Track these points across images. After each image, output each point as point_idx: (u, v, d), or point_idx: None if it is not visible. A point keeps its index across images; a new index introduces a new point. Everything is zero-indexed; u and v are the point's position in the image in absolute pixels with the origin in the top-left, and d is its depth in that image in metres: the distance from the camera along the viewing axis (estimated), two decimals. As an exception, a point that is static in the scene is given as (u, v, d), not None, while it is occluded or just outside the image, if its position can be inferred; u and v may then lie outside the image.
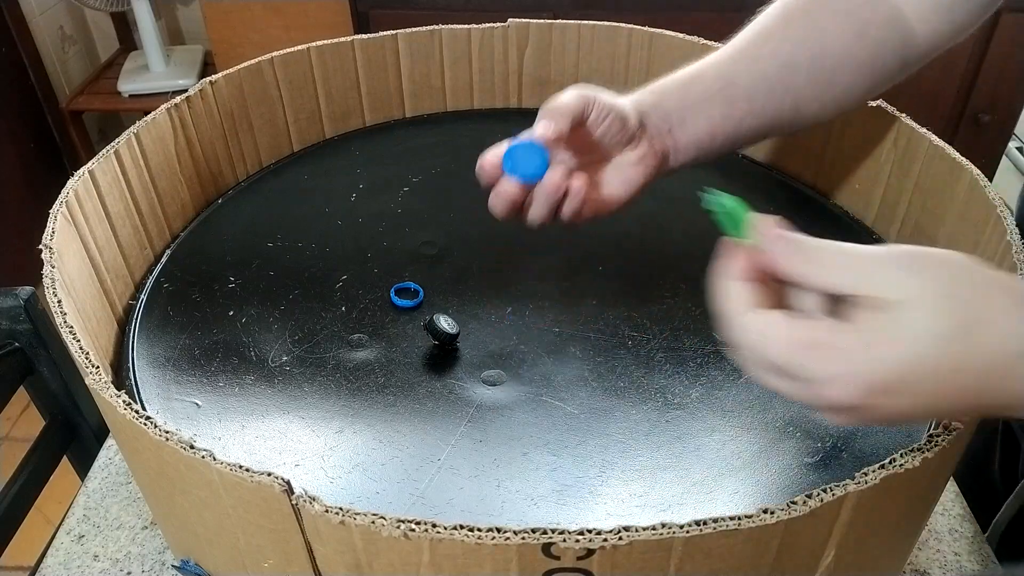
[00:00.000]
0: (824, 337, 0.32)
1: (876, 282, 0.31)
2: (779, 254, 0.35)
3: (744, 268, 0.36)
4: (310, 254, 0.66)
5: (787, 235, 0.35)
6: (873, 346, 0.30)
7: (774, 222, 0.36)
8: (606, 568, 0.35)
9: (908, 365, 0.30)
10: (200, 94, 0.69)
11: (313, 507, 0.35)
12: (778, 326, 0.33)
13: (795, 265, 0.34)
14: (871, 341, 0.31)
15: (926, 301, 0.30)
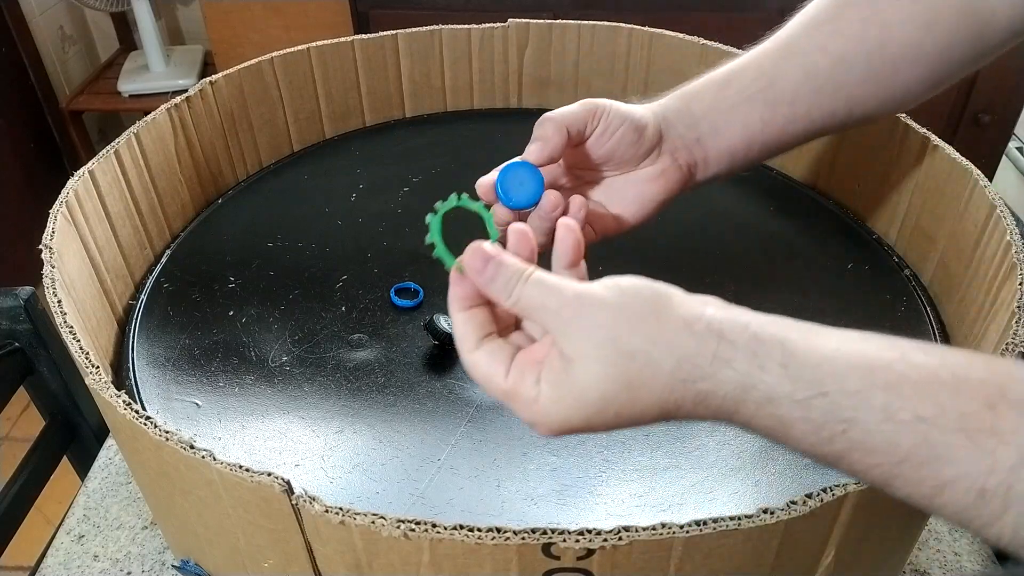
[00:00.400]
0: (513, 390, 0.34)
1: (558, 328, 0.33)
2: (481, 282, 0.35)
3: (465, 295, 0.36)
4: (310, 254, 0.66)
5: (489, 257, 0.35)
6: (552, 402, 0.33)
7: (480, 245, 0.36)
8: (606, 568, 0.35)
9: (583, 417, 0.33)
10: (200, 94, 0.69)
11: (313, 507, 0.35)
12: (482, 372, 0.35)
13: (496, 292, 0.35)
14: (550, 397, 0.33)
15: (590, 358, 0.32)
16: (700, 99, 0.50)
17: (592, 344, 0.32)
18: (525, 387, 0.34)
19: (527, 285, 0.34)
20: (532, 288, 0.34)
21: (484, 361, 0.35)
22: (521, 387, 0.34)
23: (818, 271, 0.64)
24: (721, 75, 0.50)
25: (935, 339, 0.58)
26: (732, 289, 0.61)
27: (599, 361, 0.32)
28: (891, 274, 0.64)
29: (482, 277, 0.35)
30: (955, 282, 0.59)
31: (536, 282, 0.34)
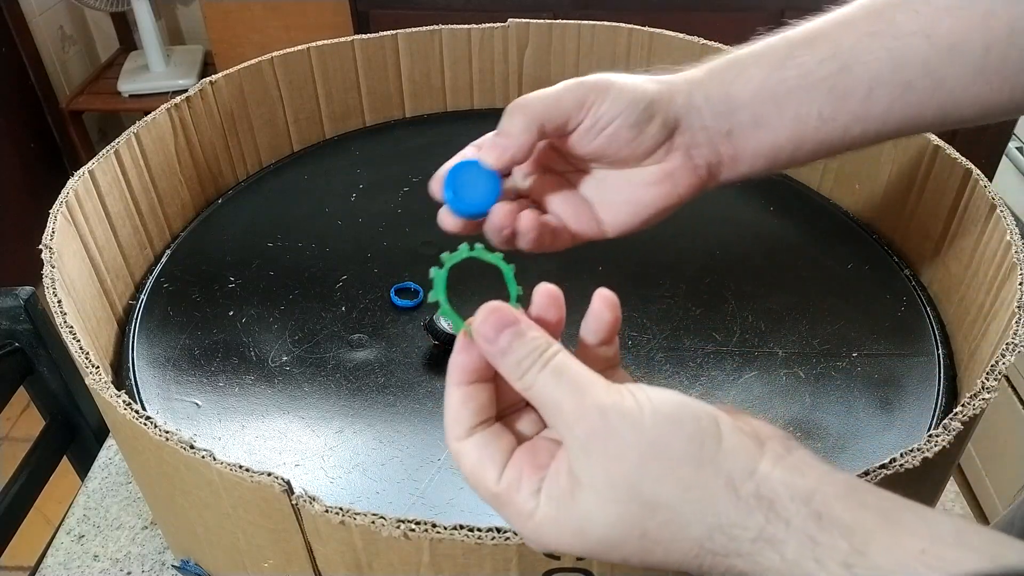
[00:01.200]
0: (506, 496, 0.28)
1: (570, 442, 0.27)
2: (492, 352, 0.29)
3: (470, 367, 0.30)
4: (310, 254, 0.66)
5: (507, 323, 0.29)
6: (551, 523, 0.28)
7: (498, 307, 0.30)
8: (606, 568, 0.35)
9: (583, 550, 0.28)
10: (200, 94, 0.69)
11: (313, 507, 0.35)
12: (470, 468, 0.29)
13: (507, 368, 0.29)
14: (548, 516, 0.28)
15: (602, 494, 0.26)
16: (746, 80, 0.38)
17: (607, 479, 0.26)
18: (521, 497, 0.28)
19: (544, 372, 0.28)
20: (549, 378, 0.28)
21: (474, 455, 0.29)
22: (516, 496, 0.28)
23: (818, 271, 0.64)
24: (778, 47, 0.39)
25: (935, 339, 0.58)
26: (732, 289, 0.61)
27: (612, 502, 0.26)
28: (891, 274, 0.64)
29: (494, 347, 0.29)
30: (955, 282, 0.59)
31: (555, 371, 0.28)
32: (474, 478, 0.29)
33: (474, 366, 0.30)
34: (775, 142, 0.39)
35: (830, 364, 0.55)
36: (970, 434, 0.42)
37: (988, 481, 1.37)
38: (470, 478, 0.29)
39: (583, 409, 0.27)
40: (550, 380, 0.28)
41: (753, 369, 0.55)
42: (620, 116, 0.37)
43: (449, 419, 0.30)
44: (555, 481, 0.28)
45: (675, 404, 0.27)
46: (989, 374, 0.42)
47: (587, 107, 0.37)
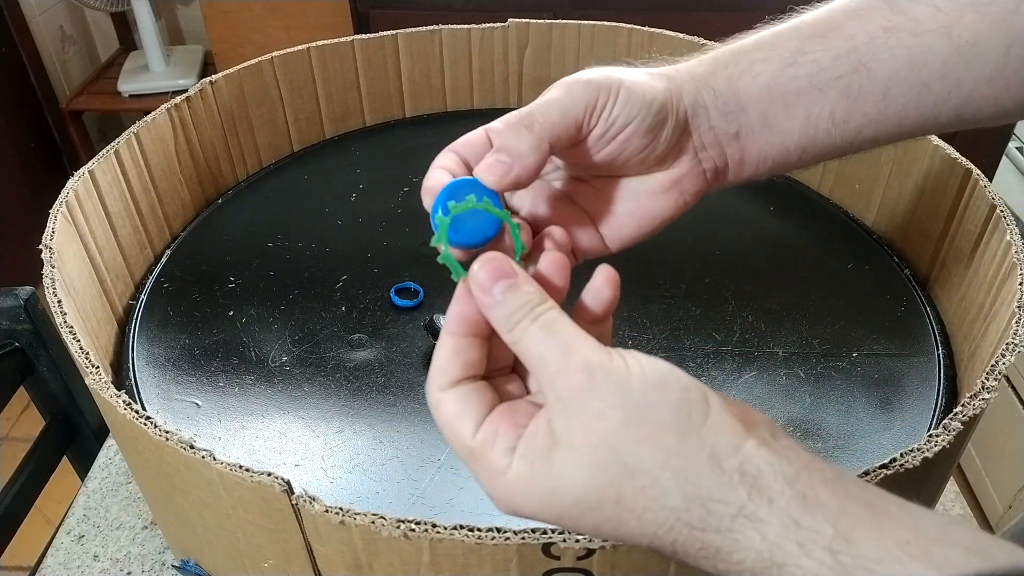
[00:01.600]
0: (479, 451, 0.28)
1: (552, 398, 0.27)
2: (484, 301, 0.29)
3: (468, 318, 0.29)
4: (310, 254, 0.66)
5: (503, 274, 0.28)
6: (522, 482, 0.27)
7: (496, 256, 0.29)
8: (606, 568, 0.35)
9: (553, 513, 0.27)
10: (200, 94, 0.69)
11: (313, 507, 0.35)
12: (446, 418, 0.29)
13: (497, 318, 0.28)
14: (521, 475, 0.27)
15: (580, 454, 0.26)
16: (753, 76, 0.36)
17: (587, 438, 0.26)
18: (495, 453, 0.28)
19: (533, 325, 0.27)
20: (537, 332, 0.27)
21: (452, 406, 0.29)
22: (490, 451, 0.28)
23: (818, 271, 0.64)
24: (788, 40, 0.36)
25: (935, 339, 0.58)
26: (732, 289, 0.61)
27: (589, 464, 0.26)
28: (891, 274, 0.64)
29: (487, 296, 0.28)
30: (955, 282, 0.59)
31: (544, 325, 0.27)
32: (450, 429, 0.29)
33: (471, 317, 0.29)
34: (783, 145, 0.37)
35: (830, 364, 0.55)
36: (970, 434, 0.42)
37: (988, 481, 1.37)
38: (446, 429, 0.29)
39: (569, 365, 0.26)
40: (538, 334, 0.27)
41: (753, 369, 0.55)
42: (634, 120, 0.33)
43: (435, 367, 0.29)
44: (532, 440, 0.27)
45: (664, 371, 0.26)
46: (989, 374, 0.42)
47: (598, 111, 0.33)
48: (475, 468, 0.28)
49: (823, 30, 0.36)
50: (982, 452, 1.40)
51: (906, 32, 0.35)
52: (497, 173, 0.31)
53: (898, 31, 0.35)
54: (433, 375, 0.29)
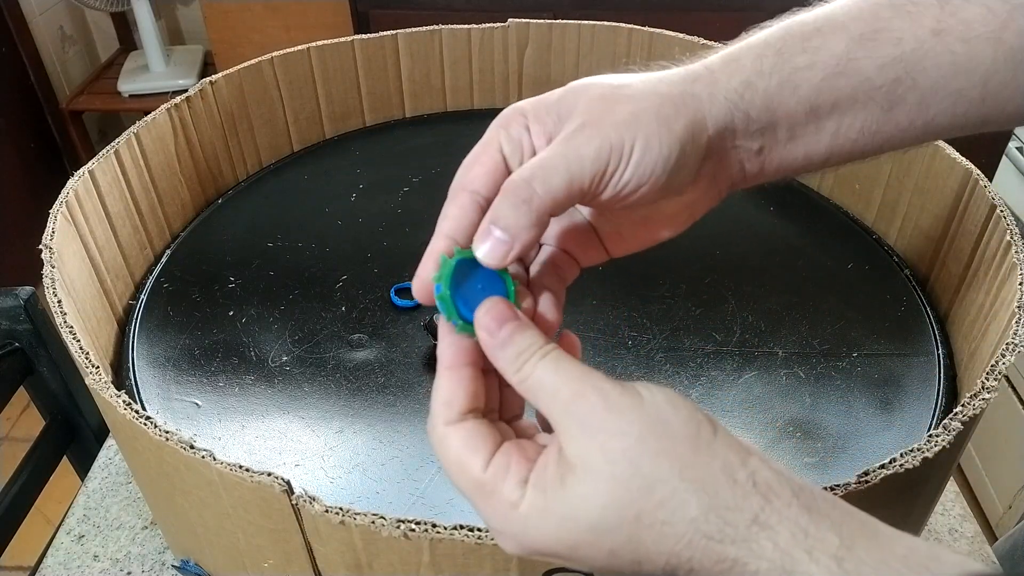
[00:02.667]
0: (490, 485, 0.27)
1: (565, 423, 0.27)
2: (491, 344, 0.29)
3: (462, 353, 0.30)
4: (310, 254, 0.66)
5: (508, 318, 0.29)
6: (536, 512, 0.27)
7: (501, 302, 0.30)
8: (606, 568, 0.35)
9: (569, 543, 0.26)
10: (200, 94, 0.69)
11: (313, 507, 0.35)
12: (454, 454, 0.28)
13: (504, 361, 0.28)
14: (535, 505, 0.27)
15: (597, 472, 0.26)
16: (792, 88, 0.33)
17: (604, 455, 0.26)
18: (507, 486, 0.27)
19: (542, 362, 0.28)
20: (548, 366, 0.28)
21: (461, 441, 0.28)
22: (502, 485, 0.27)
23: (818, 271, 0.64)
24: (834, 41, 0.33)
25: (935, 339, 0.58)
26: (732, 289, 0.62)
27: (608, 479, 0.25)
28: (891, 274, 0.64)
29: (494, 339, 0.29)
30: (955, 282, 0.59)
31: (553, 361, 0.28)
32: (458, 465, 0.28)
33: (467, 347, 0.30)
34: (807, 157, 0.34)
35: (830, 364, 0.55)
36: (970, 434, 0.42)
37: (988, 481, 1.37)
38: (453, 466, 0.28)
39: (583, 390, 0.27)
40: (550, 366, 0.28)
41: (753, 369, 0.55)
42: (647, 182, 0.31)
43: (439, 402, 0.29)
44: (544, 470, 0.27)
45: (671, 394, 0.27)
46: (989, 374, 0.42)
47: (607, 178, 0.31)
48: (484, 505, 0.28)
49: (871, 30, 0.33)
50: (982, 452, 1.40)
51: (955, 37, 0.32)
52: (498, 255, 0.30)
53: (947, 34, 0.32)
54: (437, 410, 0.29)
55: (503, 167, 0.32)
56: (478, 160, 0.33)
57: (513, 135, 0.33)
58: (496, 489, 0.27)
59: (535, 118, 0.33)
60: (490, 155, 0.33)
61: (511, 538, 0.27)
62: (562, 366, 0.28)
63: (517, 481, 0.27)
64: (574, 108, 0.32)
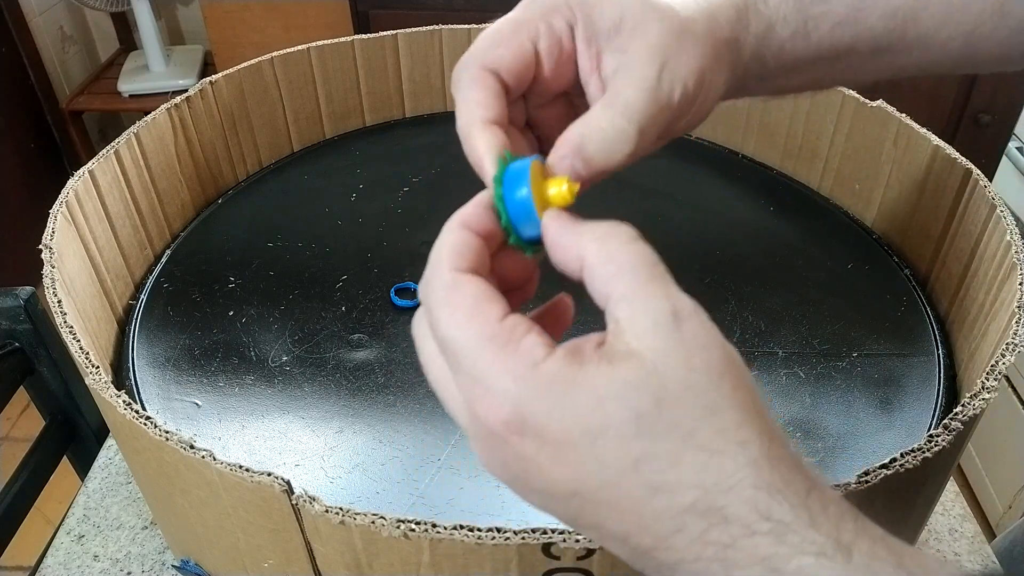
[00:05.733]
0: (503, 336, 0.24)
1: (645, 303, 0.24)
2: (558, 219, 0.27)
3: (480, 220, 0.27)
4: (310, 254, 0.66)
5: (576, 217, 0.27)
6: (558, 381, 0.23)
7: None
8: (606, 568, 0.35)
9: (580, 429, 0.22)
10: (200, 94, 0.69)
11: (313, 507, 0.35)
12: (470, 300, 0.25)
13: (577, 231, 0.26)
14: (560, 374, 0.23)
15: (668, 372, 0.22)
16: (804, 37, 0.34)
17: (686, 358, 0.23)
18: (528, 341, 0.23)
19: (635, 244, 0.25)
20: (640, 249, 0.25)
21: (477, 289, 0.25)
22: (523, 338, 0.23)
23: (818, 271, 0.64)
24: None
25: (935, 339, 0.58)
26: (732, 289, 0.61)
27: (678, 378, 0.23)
28: (891, 274, 0.64)
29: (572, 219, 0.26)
30: (955, 282, 0.59)
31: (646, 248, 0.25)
32: (472, 310, 0.24)
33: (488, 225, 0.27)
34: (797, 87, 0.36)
35: (830, 364, 0.55)
36: (970, 434, 0.42)
37: (988, 481, 1.37)
38: (460, 312, 0.25)
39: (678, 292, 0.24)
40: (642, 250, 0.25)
41: (753, 369, 0.55)
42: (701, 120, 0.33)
43: (448, 249, 0.26)
44: (578, 348, 0.23)
45: None
46: (989, 374, 0.42)
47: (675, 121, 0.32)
48: (492, 358, 0.23)
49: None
50: (982, 452, 1.40)
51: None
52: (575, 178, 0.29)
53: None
54: (443, 256, 0.26)
55: (532, 60, 0.30)
56: (506, 41, 0.30)
57: (555, 29, 0.30)
58: (513, 341, 0.23)
59: (584, 19, 0.30)
60: (521, 42, 0.30)
61: (511, 400, 0.23)
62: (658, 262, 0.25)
63: (542, 342, 0.23)
64: (639, 32, 0.30)
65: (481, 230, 0.27)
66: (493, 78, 0.30)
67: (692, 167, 0.77)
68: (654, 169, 0.75)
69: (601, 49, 0.31)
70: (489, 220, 0.27)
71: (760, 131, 0.76)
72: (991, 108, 1.59)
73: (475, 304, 0.24)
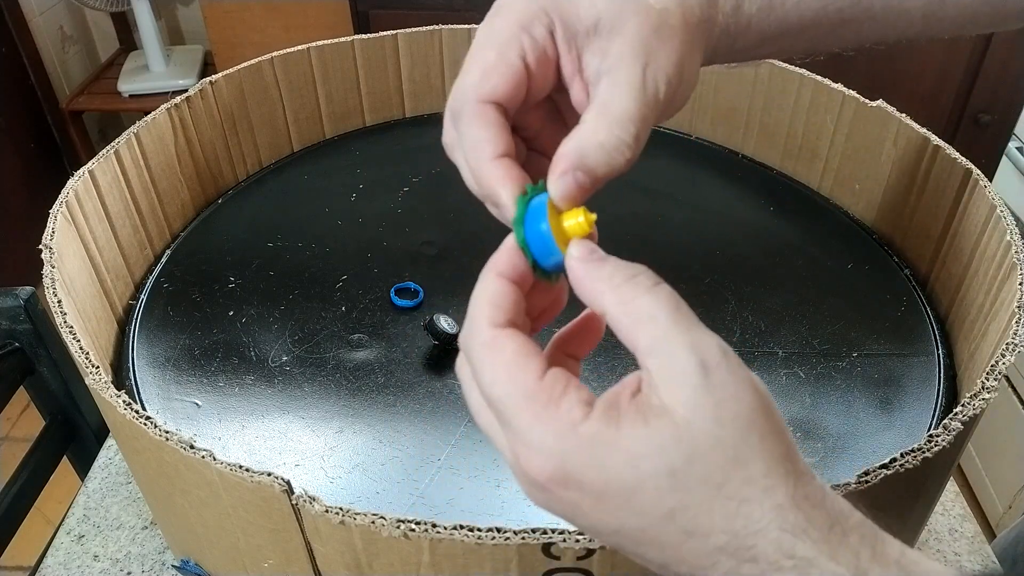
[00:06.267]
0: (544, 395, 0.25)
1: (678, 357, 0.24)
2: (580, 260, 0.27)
3: (511, 265, 0.28)
4: (310, 254, 0.66)
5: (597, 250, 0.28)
6: (599, 442, 0.24)
7: None
8: (606, 568, 0.35)
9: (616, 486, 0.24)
10: (200, 94, 0.69)
11: (313, 507, 0.35)
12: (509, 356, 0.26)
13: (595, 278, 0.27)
14: (600, 434, 0.24)
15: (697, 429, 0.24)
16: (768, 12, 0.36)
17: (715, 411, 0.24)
18: (567, 401, 0.25)
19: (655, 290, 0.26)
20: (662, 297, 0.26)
21: (515, 343, 0.26)
22: (562, 398, 0.25)
23: (818, 271, 0.64)
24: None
25: (935, 339, 0.58)
26: (732, 289, 0.61)
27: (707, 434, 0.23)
28: (891, 274, 0.64)
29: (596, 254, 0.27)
30: (955, 282, 0.59)
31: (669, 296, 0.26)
32: (510, 369, 0.25)
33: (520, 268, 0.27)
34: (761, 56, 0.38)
35: (830, 364, 0.55)
36: (970, 434, 0.42)
37: (988, 481, 1.37)
38: (502, 370, 0.25)
39: (704, 336, 0.24)
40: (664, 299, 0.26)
41: (753, 369, 0.54)
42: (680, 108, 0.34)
43: (485, 302, 0.27)
44: (614, 403, 0.24)
45: None
46: (989, 374, 0.42)
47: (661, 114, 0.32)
48: (533, 418, 0.25)
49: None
50: (982, 452, 1.40)
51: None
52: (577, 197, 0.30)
53: None
54: (482, 310, 0.27)
55: (524, 78, 0.30)
56: (497, 68, 0.30)
57: (538, 39, 0.31)
58: (553, 401, 0.25)
59: (562, 23, 0.31)
60: (510, 64, 0.30)
61: (554, 459, 0.24)
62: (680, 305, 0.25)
63: (580, 400, 0.25)
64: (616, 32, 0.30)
65: (514, 275, 0.28)
66: (493, 110, 0.30)
67: (692, 167, 0.77)
68: (654, 169, 0.75)
69: (581, 51, 0.31)
70: (520, 263, 0.28)
71: (760, 131, 0.76)
72: (991, 108, 1.59)
73: (515, 362, 0.25)
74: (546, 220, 0.28)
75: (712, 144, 0.80)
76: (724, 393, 0.24)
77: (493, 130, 0.30)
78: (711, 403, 0.24)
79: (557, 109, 0.35)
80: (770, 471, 0.24)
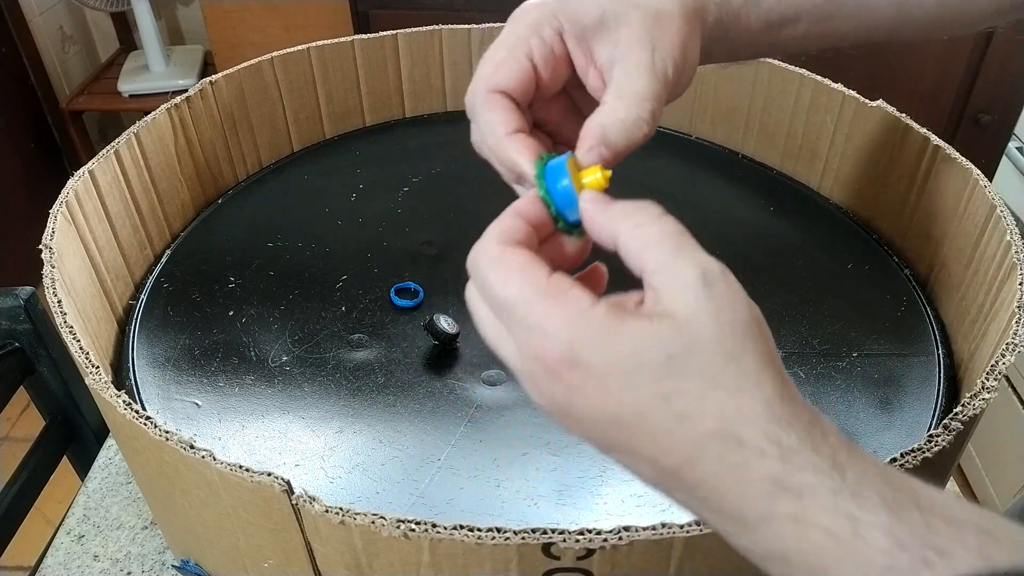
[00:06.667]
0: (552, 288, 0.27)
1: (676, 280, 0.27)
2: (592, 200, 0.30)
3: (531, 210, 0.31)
4: (310, 254, 0.66)
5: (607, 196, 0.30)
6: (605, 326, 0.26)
7: None
8: (606, 568, 0.35)
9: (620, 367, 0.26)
10: (200, 94, 0.69)
11: (313, 507, 0.35)
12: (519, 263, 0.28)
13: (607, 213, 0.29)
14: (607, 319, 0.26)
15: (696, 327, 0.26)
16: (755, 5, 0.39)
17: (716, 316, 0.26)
18: (576, 290, 0.27)
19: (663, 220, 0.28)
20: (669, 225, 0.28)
21: (524, 255, 0.28)
22: (572, 289, 0.27)
23: (818, 271, 0.64)
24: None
25: (935, 339, 0.58)
26: (732, 289, 0.61)
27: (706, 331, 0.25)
28: (891, 274, 0.64)
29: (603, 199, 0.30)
30: (955, 282, 0.59)
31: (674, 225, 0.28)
32: (521, 272, 0.27)
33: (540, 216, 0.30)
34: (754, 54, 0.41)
35: (830, 364, 0.55)
36: (970, 434, 0.42)
37: (988, 481, 1.37)
38: (512, 274, 0.28)
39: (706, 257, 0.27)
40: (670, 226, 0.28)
41: (753, 369, 0.55)
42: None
43: (497, 228, 0.29)
44: (619, 304, 0.27)
45: None
46: (989, 374, 0.42)
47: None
48: (545, 308, 0.27)
49: None
50: (982, 452, 1.40)
51: None
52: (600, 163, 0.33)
53: None
54: (492, 234, 0.29)
55: (532, 73, 0.35)
56: (505, 63, 0.34)
57: (546, 40, 0.35)
58: (562, 292, 0.27)
59: (570, 22, 0.35)
60: (518, 60, 0.35)
61: (563, 342, 0.26)
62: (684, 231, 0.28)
63: (587, 293, 0.27)
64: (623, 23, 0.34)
65: (532, 218, 0.30)
66: (502, 97, 0.34)
67: (692, 167, 0.77)
68: (654, 169, 0.75)
69: (591, 44, 0.35)
70: (540, 210, 0.31)
71: (760, 131, 0.76)
72: (991, 108, 1.59)
73: (523, 266, 0.28)
74: (567, 175, 0.31)
75: (712, 144, 0.80)
76: (723, 302, 0.26)
77: (504, 112, 0.34)
78: (711, 308, 0.26)
79: (574, 103, 0.39)
80: (762, 369, 0.26)
